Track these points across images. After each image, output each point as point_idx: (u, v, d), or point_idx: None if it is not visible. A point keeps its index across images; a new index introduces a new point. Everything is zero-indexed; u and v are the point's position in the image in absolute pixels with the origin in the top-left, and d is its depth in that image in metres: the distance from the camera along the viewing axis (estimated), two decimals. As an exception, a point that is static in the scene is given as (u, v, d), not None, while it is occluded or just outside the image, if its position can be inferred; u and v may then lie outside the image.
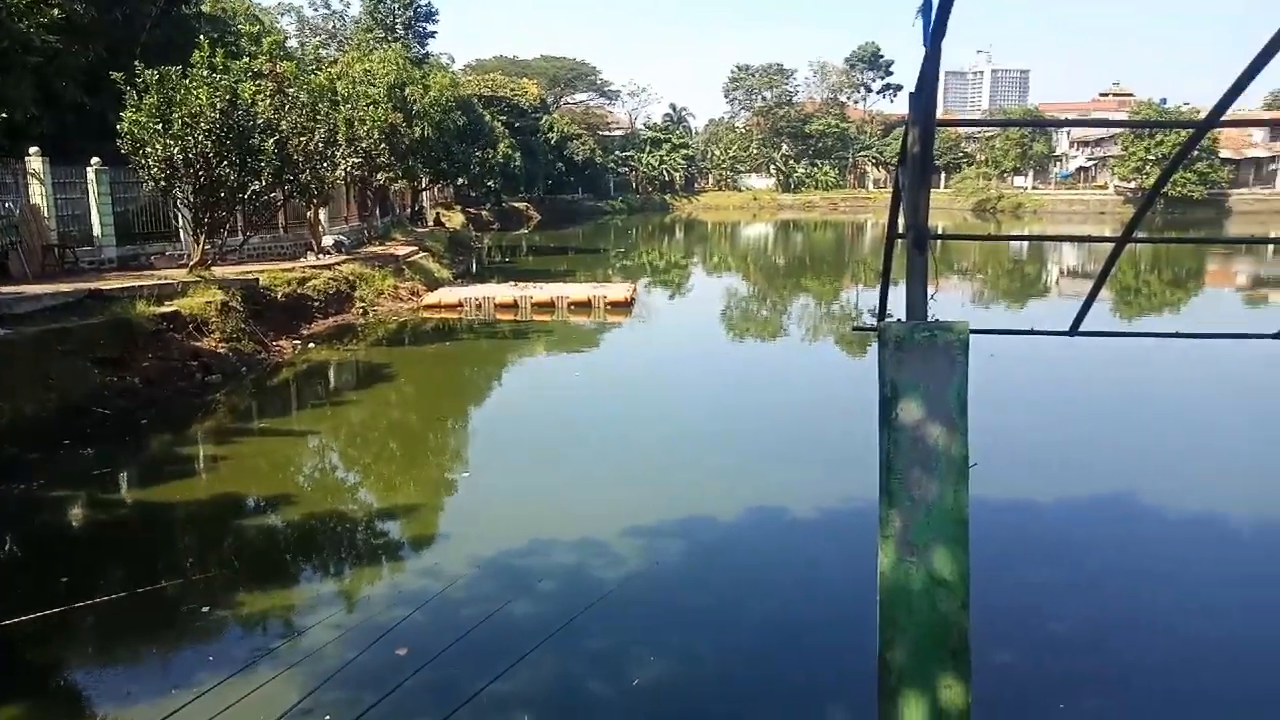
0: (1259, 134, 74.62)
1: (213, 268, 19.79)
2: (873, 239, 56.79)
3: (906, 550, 3.44)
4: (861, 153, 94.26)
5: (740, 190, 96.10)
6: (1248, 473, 11.57)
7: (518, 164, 58.72)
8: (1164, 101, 77.86)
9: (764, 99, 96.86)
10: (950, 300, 28.83)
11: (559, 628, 6.67)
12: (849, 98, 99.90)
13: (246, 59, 21.50)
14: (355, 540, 9.76)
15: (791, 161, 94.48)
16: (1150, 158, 67.50)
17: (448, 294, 26.75)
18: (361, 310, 23.94)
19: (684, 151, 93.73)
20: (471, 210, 60.86)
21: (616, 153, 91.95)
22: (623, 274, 37.40)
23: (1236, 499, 10.47)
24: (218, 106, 18.15)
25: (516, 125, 66.00)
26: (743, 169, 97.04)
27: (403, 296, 26.47)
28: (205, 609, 7.68)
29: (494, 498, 10.81)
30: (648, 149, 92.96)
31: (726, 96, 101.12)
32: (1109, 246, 4.38)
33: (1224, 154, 70.59)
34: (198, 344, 16.31)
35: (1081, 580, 8.59)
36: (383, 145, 29.62)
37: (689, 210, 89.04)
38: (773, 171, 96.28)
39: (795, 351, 22.10)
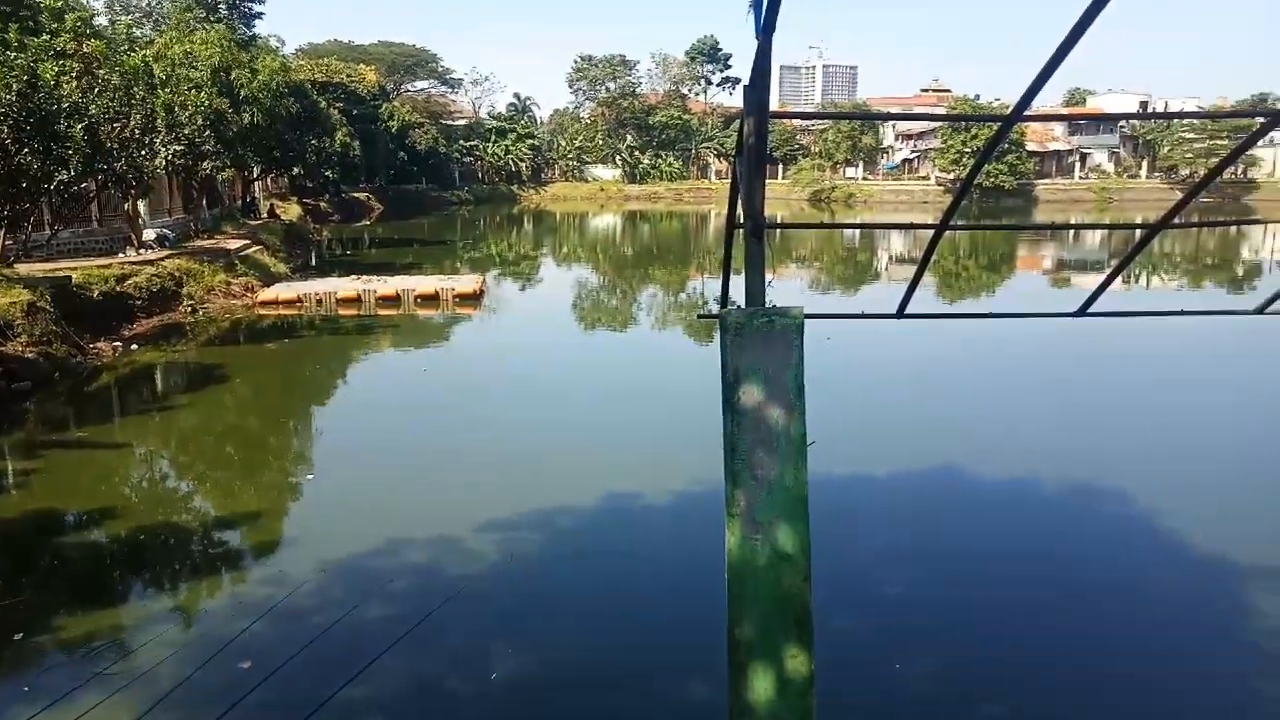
0: (1060, 129, 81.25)
1: (16, 265, 18.11)
2: (716, 229, 58.20)
3: (751, 528, 3.58)
4: (704, 144, 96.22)
5: (587, 181, 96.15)
6: (1056, 436, 12.65)
7: (357, 153, 56.61)
8: (977, 97, 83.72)
9: (608, 90, 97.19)
10: (789, 287, 30.00)
11: (412, 627, 6.54)
12: (690, 90, 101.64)
13: (47, 36, 19.70)
14: (191, 551, 9.21)
15: (637, 153, 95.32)
16: (966, 150, 72.24)
17: (285, 289, 25.55)
18: (190, 308, 22.52)
19: (530, 141, 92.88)
20: (309, 201, 58.22)
21: (461, 142, 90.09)
22: (471, 266, 36.78)
23: (1047, 461, 11.42)
24: (14, 88, 16.58)
25: (355, 113, 63.51)
26: (589, 160, 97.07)
27: (235, 293, 25.08)
28: (18, 636, 7.06)
29: (341, 499, 10.45)
30: (493, 139, 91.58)
31: (571, 87, 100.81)
32: (931, 234, 4.69)
33: (1030, 147, 76.44)
34: (1, 349, 14.90)
35: (911, 546, 9.17)
36: (208, 132, 27.79)
37: (537, 201, 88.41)
38: (618, 162, 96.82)
39: (645, 340, 22.42)
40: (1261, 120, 4.50)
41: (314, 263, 37.87)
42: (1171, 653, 7.20)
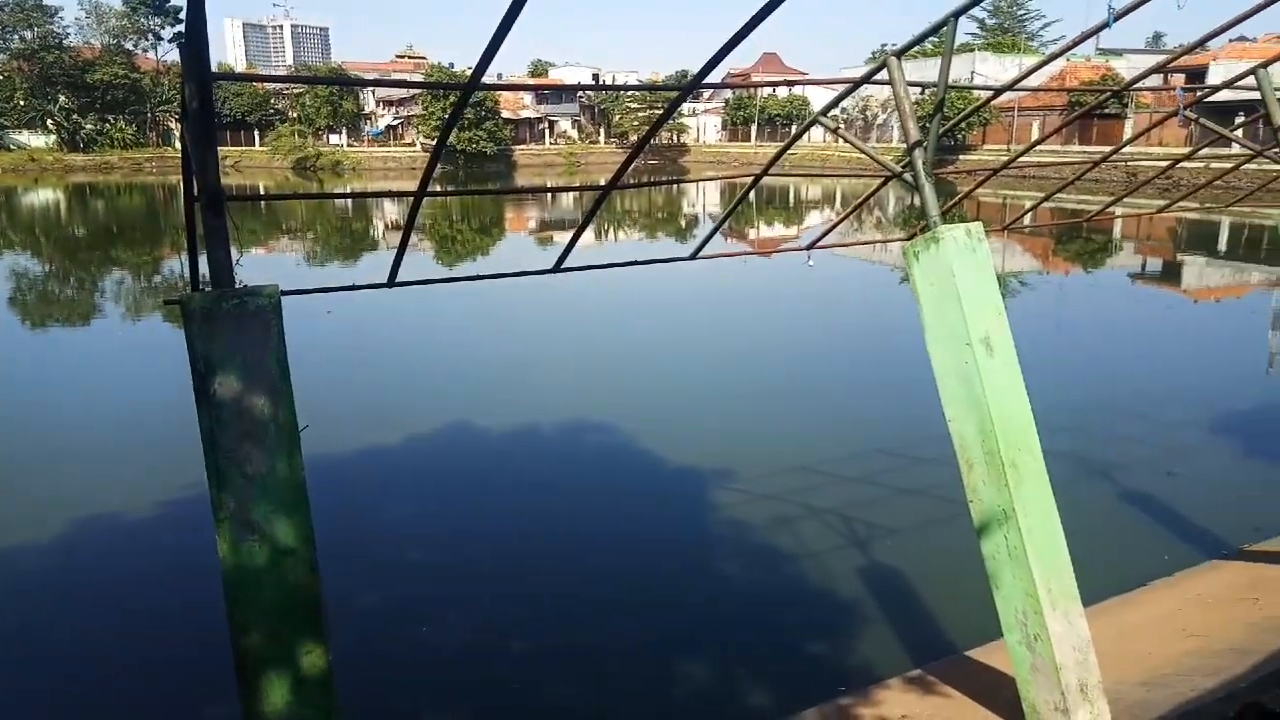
0: (530, 98, 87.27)
1: None
2: (189, 202, 52.33)
3: (245, 529, 3.30)
4: (162, 108, 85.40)
5: (10, 150, 79.82)
6: (553, 386, 13.76)
7: None
8: (452, 65, 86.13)
9: (23, 40, 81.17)
10: (280, 262, 28.36)
11: None
12: (138, 45, 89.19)
13: None
14: None
15: (76, 116, 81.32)
16: (446, 117, 74.19)
17: None
18: None
19: (-84, 101, 74.09)
20: None
21: None
22: None
23: (542, 409, 12.38)
24: None
25: None
26: (8, 125, 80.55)
27: None
28: None
29: None
30: None
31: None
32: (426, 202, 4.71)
33: (506, 115, 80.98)
34: None
35: (425, 507, 9.34)
36: None
37: (-62, 176, 71.30)
38: (52, 127, 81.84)
39: (113, 333, 19.44)
40: (677, 93, 5.26)
41: None
42: (683, 570, 8.33)
